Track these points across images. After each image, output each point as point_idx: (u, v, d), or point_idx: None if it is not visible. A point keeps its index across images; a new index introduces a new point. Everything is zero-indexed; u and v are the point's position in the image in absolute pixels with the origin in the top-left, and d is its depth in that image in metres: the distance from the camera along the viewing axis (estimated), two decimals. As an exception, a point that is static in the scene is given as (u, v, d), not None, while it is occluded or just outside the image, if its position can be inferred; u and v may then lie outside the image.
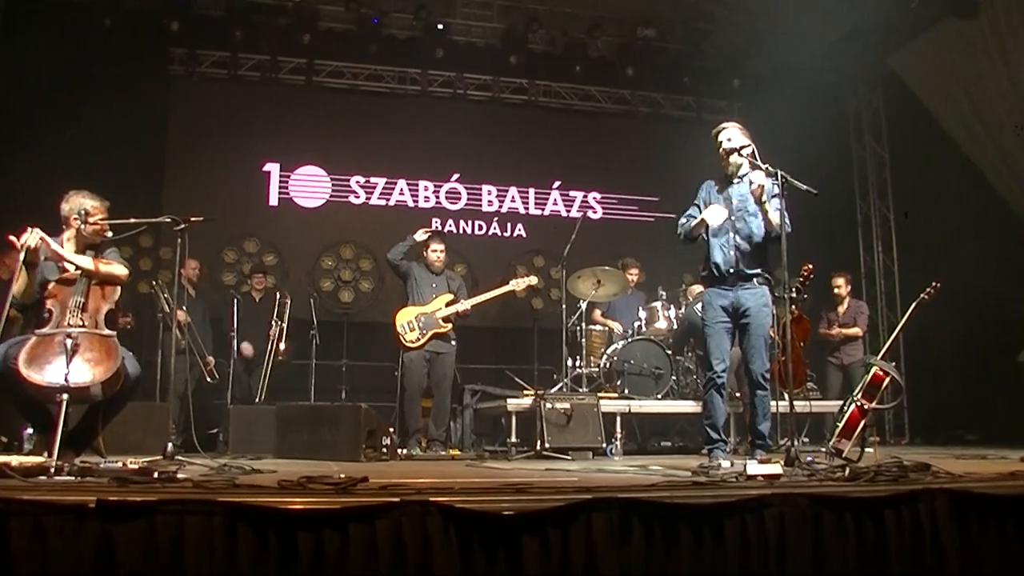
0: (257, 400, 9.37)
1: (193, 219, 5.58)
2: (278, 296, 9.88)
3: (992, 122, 10.71)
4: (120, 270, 5.23)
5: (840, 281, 10.10)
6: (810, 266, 7.28)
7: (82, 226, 5.18)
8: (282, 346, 9.67)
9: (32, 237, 4.79)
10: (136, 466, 4.33)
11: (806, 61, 11.97)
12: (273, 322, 9.70)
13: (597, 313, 9.86)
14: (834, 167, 11.95)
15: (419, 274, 8.75)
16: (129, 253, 10.51)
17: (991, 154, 10.82)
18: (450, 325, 8.53)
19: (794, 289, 7.20)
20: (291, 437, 7.73)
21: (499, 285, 9.19)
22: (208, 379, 9.13)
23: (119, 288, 5.15)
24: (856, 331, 9.86)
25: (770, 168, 5.34)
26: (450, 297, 8.60)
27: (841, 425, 5.91)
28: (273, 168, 11.84)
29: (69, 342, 4.61)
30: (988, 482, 3.97)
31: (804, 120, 11.35)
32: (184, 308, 8.54)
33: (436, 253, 8.80)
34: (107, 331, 4.96)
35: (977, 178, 10.84)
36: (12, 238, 4.80)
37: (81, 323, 4.86)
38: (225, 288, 10.97)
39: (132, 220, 5.38)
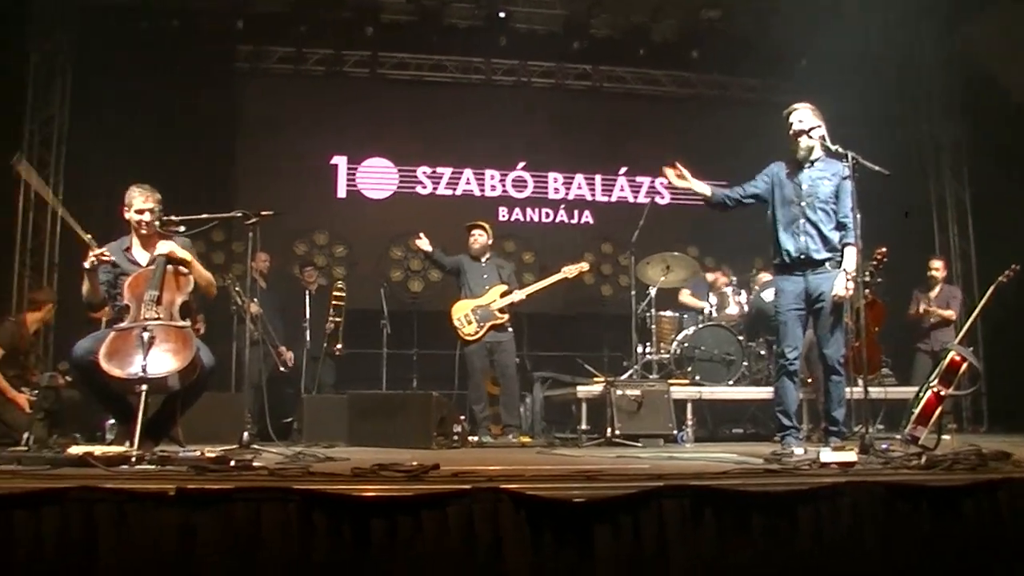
0: (312, 393, 9.44)
1: (264, 213, 5.67)
2: (333, 291, 9.95)
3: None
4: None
5: (938, 264, 9.86)
6: (884, 249, 7.14)
7: (131, 219, 5.34)
8: (339, 346, 9.73)
9: (89, 261, 5.01)
10: (213, 455, 4.42)
11: (876, 38, 11.69)
12: (330, 318, 9.76)
13: (686, 294, 9.77)
14: (907, 148, 11.69)
15: (468, 266, 8.78)
16: (202, 248, 10.74)
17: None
18: (506, 316, 8.53)
19: (867, 273, 7.07)
20: (363, 425, 7.84)
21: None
22: (281, 369, 9.28)
23: (192, 279, 5.26)
24: (950, 313, 9.60)
25: (840, 149, 5.25)
26: (504, 288, 8.59)
27: (917, 412, 5.79)
28: (341, 161, 11.97)
29: (146, 335, 4.73)
30: (1072, 470, 3.86)
31: (873, 100, 11.11)
32: (256, 300, 8.69)
33: (474, 237, 8.84)
34: (182, 322, 5.06)
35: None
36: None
37: (156, 316, 4.96)
38: (295, 280, 11.13)
39: (205, 216, 5.49)
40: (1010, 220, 10.80)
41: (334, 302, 9.67)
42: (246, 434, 5.41)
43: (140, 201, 5.34)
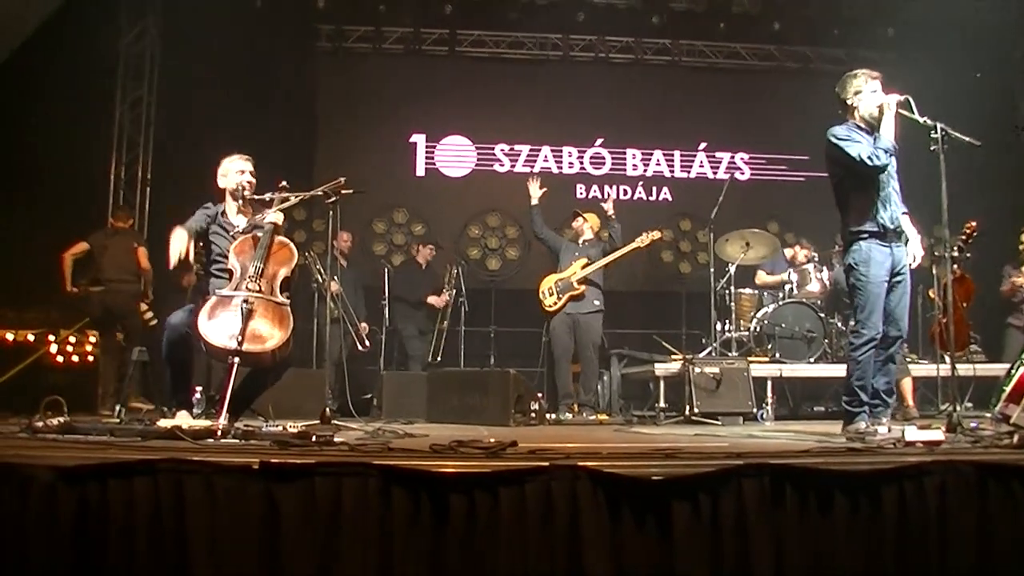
0: (431, 361, 9.78)
1: (344, 191, 5.72)
2: (449, 268, 10.17)
3: None
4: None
5: None
6: (974, 223, 6.95)
7: (231, 185, 5.42)
8: (443, 325, 9.89)
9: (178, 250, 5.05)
10: (295, 430, 4.51)
11: (965, 4, 11.29)
12: (445, 290, 10.05)
13: (762, 275, 9.64)
14: (999, 117, 11.30)
15: (564, 246, 8.98)
16: (285, 226, 10.94)
17: None
18: (583, 287, 8.58)
19: (956, 248, 6.89)
20: (442, 402, 7.92)
21: (647, 249, 9.13)
22: (360, 346, 9.41)
23: (296, 254, 5.30)
24: None
25: (928, 120, 5.09)
26: (585, 260, 8.65)
27: (1009, 389, 5.61)
28: (419, 139, 12.06)
29: (245, 307, 4.73)
30: None
31: (964, 68, 10.76)
32: (336, 278, 8.81)
33: (578, 223, 9.03)
34: (281, 299, 5.04)
35: None
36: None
37: (258, 288, 4.92)
38: (376, 258, 11.28)
39: (287, 194, 5.56)
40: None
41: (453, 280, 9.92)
42: (327, 410, 5.48)
43: (244, 164, 5.44)
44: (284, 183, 5.51)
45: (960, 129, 5.03)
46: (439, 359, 9.88)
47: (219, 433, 4.20)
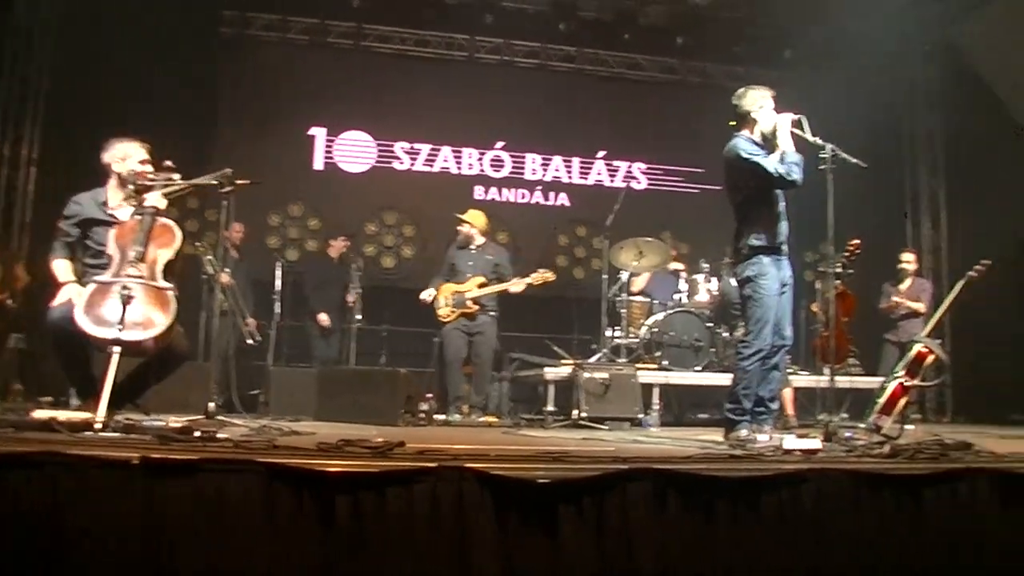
0: (348, 364, 9.51)
1: (240, 182, 5.58)
2: (355, 263, 9.92)
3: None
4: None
5: (909, 257, 9.92)
6: (857, 241, 7.18)
7: (124, 171, 5.17)
8: (358, 316, 9.69)
9: None
10: (178, 425, 4.39)
11: (862, 32, 11.70)
12: (350, 288, 9.77)
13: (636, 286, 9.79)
14: (885, 141, 11.74)
15: (457, 255, 8.81)
16: (176, 214, 10.64)
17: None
18: (478, 307, 8.51)
19: (840, 264, 7.12)
20: (331, 400, 7.82)
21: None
22: (249, 341, 9.22)
23: (179, 238, 5.08)
24: (920, 305, 9.66)
25: (819, 140, 5.25)
26: (482, 279, 8.58)
27: (882, 401, 5.85)
28: (319, 132, 11.91)
29: (124, 292, 4.47)
30: (1031, 464, 3.91)
31: (856, 92, 11.16)
32: (228, 270, 8.63)
33: (461, 229, 8.83)
34: (164, 283, 4.83)
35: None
36: None
37: (139, 273, 4.71)
38: (269, 251, 11.08)
39: (183, 182, 5.39)
40: (982, 216, 10.91)
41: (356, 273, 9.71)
42: (212, 405, 5.36)
43: (141, 153, 5.19)
44: (169, 162, 5.22)
45: (849, 151, 5.19)
46: (351, 359, 9.67)
47: (97, 426, 4.06)
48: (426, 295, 8.57)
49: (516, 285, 8.66)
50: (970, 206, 11.58)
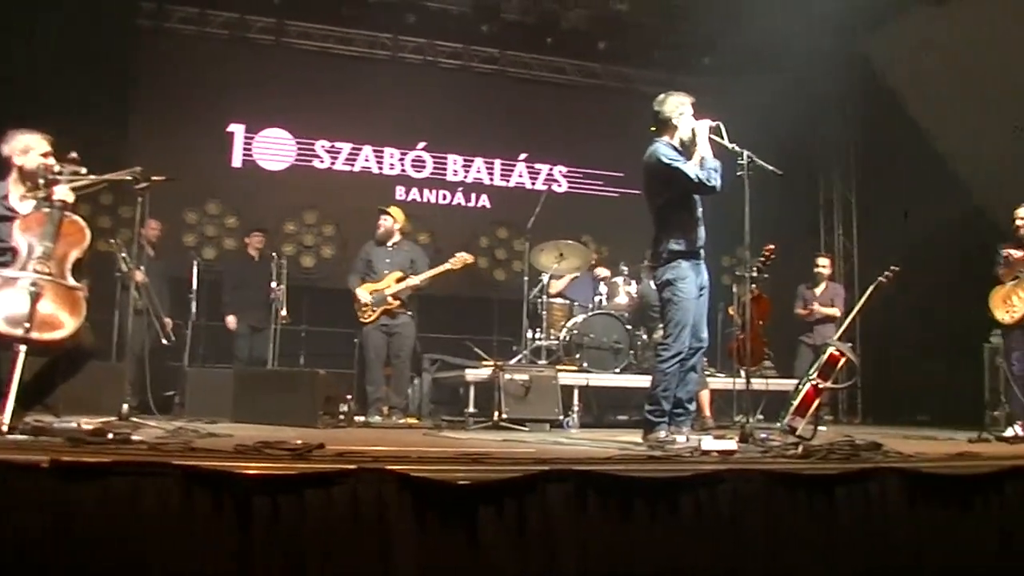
0: (269, 365, 9.25)
1: (155, 178, 5.47)
2: (275, 258, 9.69)
3: (960, 112, 10.80)
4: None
5: (824, 262, 10.16)
6: (772, 247, 7.33)
7: (25, 164, 4.96)
8: (283, 312, 9.49)
9: None
10: (91, 427, 4.28)
11: (779, 41, 11.96)
12: (273, 286, 9.46)
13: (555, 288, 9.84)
14: (800, 149, 12.01)
15: (374, 252, 8.79)
16: (88, 210, 10.36)
17: (957, 143, 10.92)
18: (399, 302, 8.55)
19: (755, 268, 7.25)
20: (248, 401, 7.72)
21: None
22: (164, 340, 9.03)
23: (88, 234, 4.91)
24: (835, 311, 9.90)
25: (736, 147, 5.34)
26: (400, 274, 8.60)
27: (796, 403, 5.98)
28: (238, 129, 11.72)
29: (33, 290, 4.34)
30: (937, 462, 4.05)
31: (772, 100, 11.39)
32: (143, 268, 8.43)
33: (380, 222, 8.83)
34: (73, 282, 4.66)
35: (941, 166, 10.96)
36: None
37: (47, 271, 4.53)
38: (185, 249, 10.86)
39: (93, 176, 5.24)
40: (892, 222, 11.24)
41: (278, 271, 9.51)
42: (125, 406, 5.24)
43: (44, 145, 4.94)
44: (74, 154, 5.01)
45: (765, 158, 5.30)
46: (269, 360, 9.50)
47: (4, 429, 3.94)
48: (362, 295, 8.51)
49: (437, 270, 8.69)
50: (880, 213, 11.93)
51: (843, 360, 6.06)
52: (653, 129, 5.71)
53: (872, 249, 11.95)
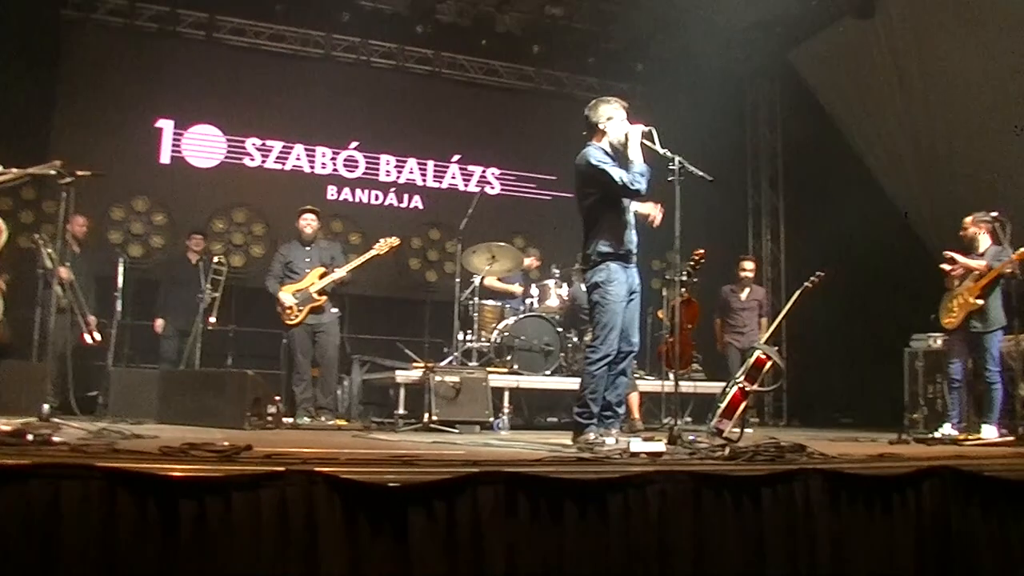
0: (196, 365, 9.07)
1: (80, 173, 5.34)
2: (214, 261, 9.51)
3: (882, 122, 11.10)
4: None
5: (750, 265, 10.34)
6: (702, 251, 7.44)
7: None
8: (212, 319, 9.30)
9: None
10: (9, 428, 4.17)
11: (709, 50, 12.15)
12: (206, 291, 9.29)
13: (492, 279, 9.83)
14: (729, 156, 12.22)
15: (293, 252, 8.75)
16: (9, 205, 10.12)
17: (879, 153, 11.22)
18: (325, 297, 8.53)
19: (685, 273, 7.35)
20: (174, 402, 7.60)
21: (394, 256, 9.14)
22: (88, 339, 8.83)
23: (5, 232, 4.80)
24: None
25: (668, 152, 5.41)
26: (322, 270, 8.57)
27: (723, 406, 6.06)
28: (166, 125, 11.50)
29: None
30: (859, 463, 4.14)
31: (703, 108, 11.57)
32: (68, 265, 8.24)
33: (307, 222, 8.77)
34: None
35: (864, 175, 11.25)
36: None
37: None
38: (111, 246, 10.64)
39: (15, 170, 5.12)
40: (817, 228, 11.49)
41: (213, 275, 9.30)
42: (46, 407, 5.11)
43: None
44: None
45: (696, 164, 5.37)
46: (196, 361, 9.32)
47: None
48: (286, 298, 8.43)
49: (363, 258, 8.68)
50: (806, 219, 12.18)
51: (769, 363, 6.17)
52: (585, 133, 5.76)
53: (798, 254, 12.19)
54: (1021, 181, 9.75)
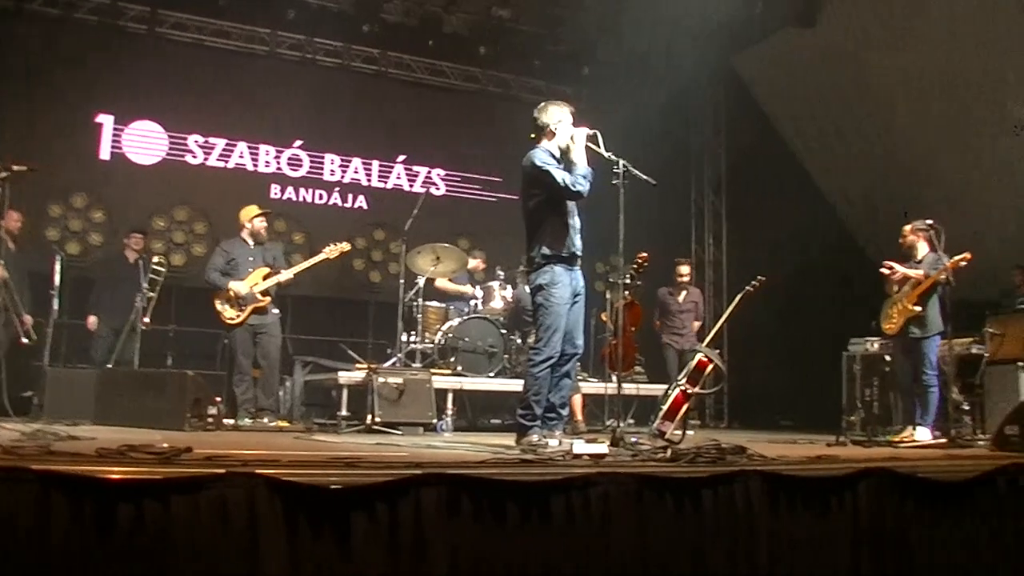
0: (110, 366, 8.89)
1: (16, 167, 5.26)
2: (154, 261, 9.32)
3: (822, 129, 11.30)
4: None
5: (686, 269, 10.47)
6: (645, 254, 7.49)
7: None
8: (147, 319, 9.12)
9: None
10: (-60, 428, 4.08)
11: (655, 55, 12.26)
12: (143, 290, 9.10)
13: (443, 280, 9.82)
14: (673, 160, 12.33)
15: (237, 250, 8.59)
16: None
17: (820, 158, 11.42)
18: (269, 298, 8.42)
19: (628, 276, 7.40)
20: (113, 403, 7.47)
21: (338, 256, 9.05)
22: (24, 339, 8.63)
23: None
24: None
25: (612, 156, 5.44)
26: (266, 271, 8.47)
27: (665, 408, 6.13)
28: (107, 120, 11.30)
29: None
30: (797, 465, 4.21)
31: (648, 112, 11.67)
32: (2, 263, 8.06)
33: (262, 223, 8.69)
34: None
35: (805, 180, 11.43)
36: None
37: None
38: (48, 243, 10.42)
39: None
40: (759, 232, 11.66)
41: (152, 275, 9.11)
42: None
43: None
44: None
45: (640, 167, 5.41)
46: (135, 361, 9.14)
47: None
48: (241, 287, 8.30)
49: (313, 261, 8.63)
50: (749, 223, 12.35)
51: (711, 366, 6.25)
52: (532, 136, 5.78)
53: (741, 258, 12.35)
54: (954, 188, 10.02)
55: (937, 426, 7.38)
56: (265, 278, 8.41)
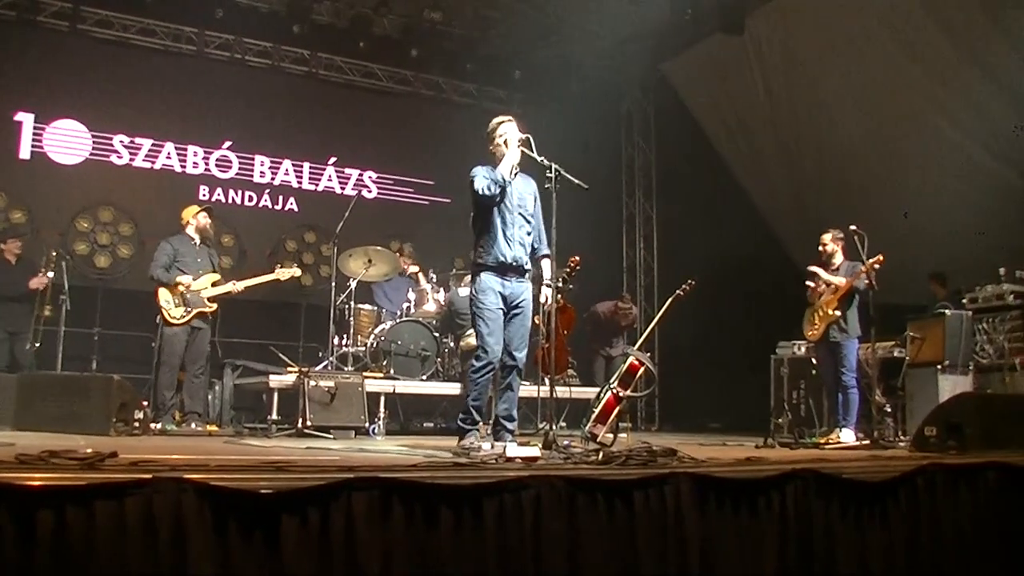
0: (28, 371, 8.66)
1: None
2: (48, 249, 9.07)
3: (751, 136, 11.49)
4: None
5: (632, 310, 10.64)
6: (577, 259, 7.53)
7: None
8: (46, 311, 8.89)
9: None
10: None
11: (586, 60, 12.35)
12: (31, 284, 8.98)
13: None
14: (605, 165, 12.44)
15: (183, 247, 8.36)
16: None
17: (748, 166, 11.60)
18: (215, 306, 8.26)
19: (561, 279, 7.43)
20: (34, 408, 7.28)
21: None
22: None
23: None
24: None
25: (545, 160, 5.46)
26: (216, 277, 8.32)
27: (597, 411, 6.18)
28: (26, 119, 11.00)
29: None
30: (727, 467, 4.26)
31: (580, 117, 11.75)
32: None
33: (206, 219, 8.52)
34: None
35: (734, 186, 11.61)
36: None
37: None
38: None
39: None
40: (690, 238, 11.81)
41: (50, 264, 8.90)
42: None
43: None
44: None
45: (572, 172, 5.44)
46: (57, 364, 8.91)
47: None
48: (191, 281, 8.11)
49: (263, 279, 8.50)
50: (679, 228, 12.50)
51: (642, 369, 6.31)
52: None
53: (671, 263, 12.48)
54: (882, 196, 10.25)
55: (861, 428, 7.56)
56: (214, 284, 8.25)
